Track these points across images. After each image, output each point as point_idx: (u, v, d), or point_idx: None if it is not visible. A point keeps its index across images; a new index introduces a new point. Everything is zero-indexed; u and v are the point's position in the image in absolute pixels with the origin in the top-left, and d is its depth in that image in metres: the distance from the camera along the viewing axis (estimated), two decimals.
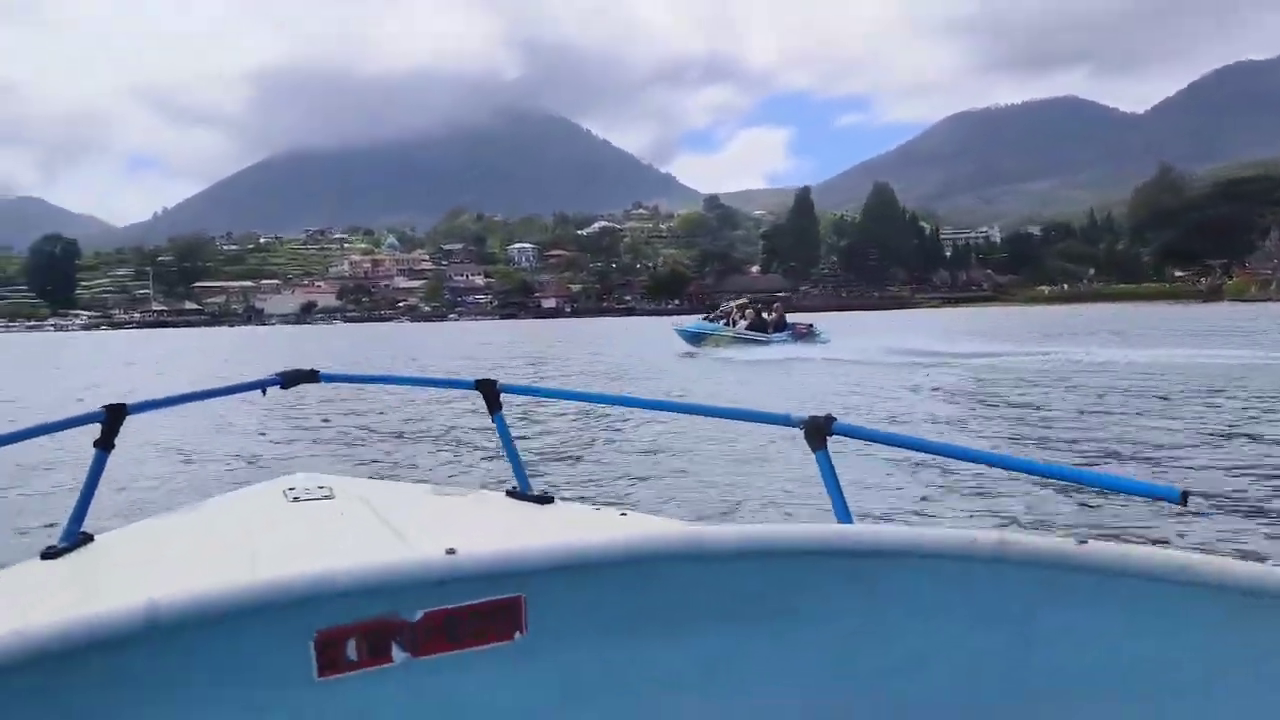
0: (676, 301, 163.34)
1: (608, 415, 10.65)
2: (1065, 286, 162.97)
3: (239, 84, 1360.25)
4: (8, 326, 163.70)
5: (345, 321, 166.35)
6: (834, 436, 1.72)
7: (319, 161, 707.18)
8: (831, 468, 1.70)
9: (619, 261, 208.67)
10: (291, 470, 2.61)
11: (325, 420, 11.43)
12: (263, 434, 10.37)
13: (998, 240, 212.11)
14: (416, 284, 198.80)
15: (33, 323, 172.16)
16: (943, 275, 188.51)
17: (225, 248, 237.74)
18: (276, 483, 2.29)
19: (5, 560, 1.86)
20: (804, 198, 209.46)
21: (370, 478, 2.68)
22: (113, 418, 2.09)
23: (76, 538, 1.88)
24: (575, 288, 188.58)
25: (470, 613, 0.93)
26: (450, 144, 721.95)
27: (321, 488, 2.15)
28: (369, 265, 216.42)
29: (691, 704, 1.02)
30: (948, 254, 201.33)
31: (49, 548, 1.83)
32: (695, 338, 29.72)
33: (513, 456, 2.33)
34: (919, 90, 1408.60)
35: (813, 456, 1.73)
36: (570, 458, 8.56)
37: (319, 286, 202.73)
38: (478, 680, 0.96)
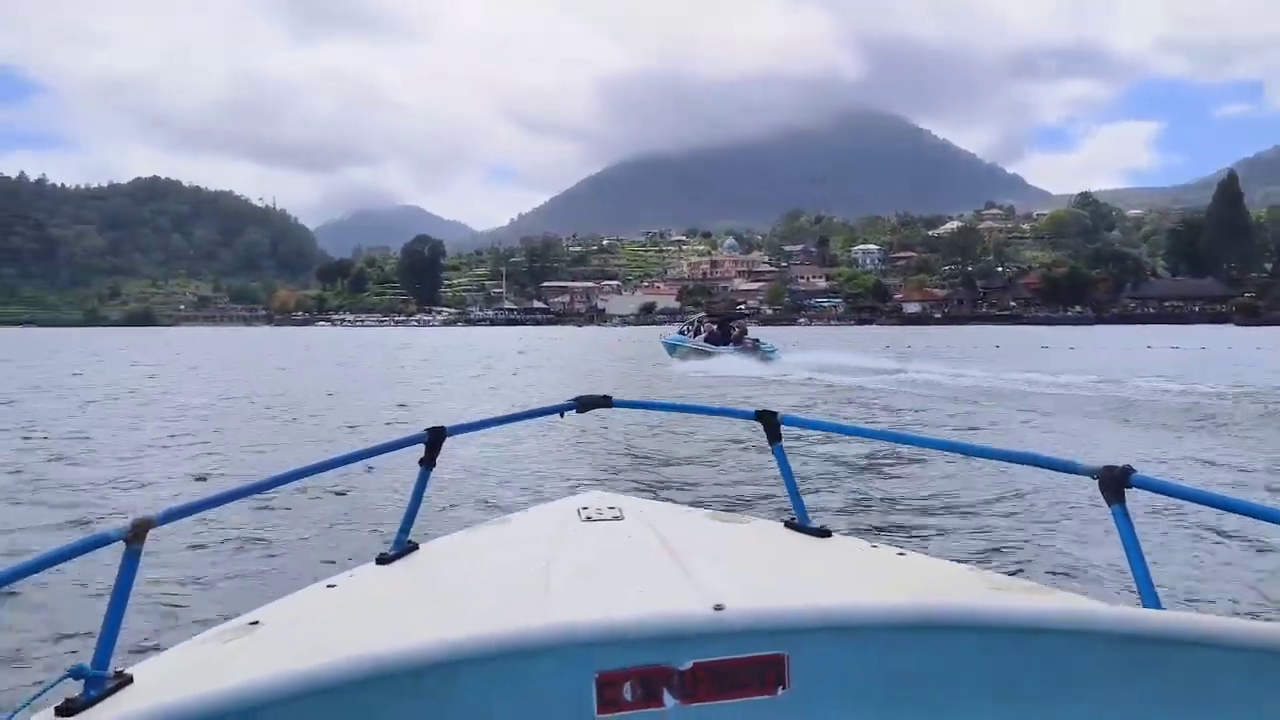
0: (1078, 307, 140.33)
1: (889, 450, 10.08)
2: None
3: (588, 95, 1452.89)
4: (380, 321, 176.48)
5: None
6: (1132, 489, 1.60)
7: (660, 166, 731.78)
8: (1130, 527, 1.58)
9: (976, 263, 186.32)
10: (577, 488, 2.80)
11: (609, 439, 11.42)
12: (554, 452, 10.47)
13: None
14: (755, 286, 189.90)
15: (401, 317, 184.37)
16: None
17: (570, 249, 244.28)
18: (571, 501, 2.46)
19: (346, 564, 2.14)
20: (1230, 186, 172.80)
21: (654, 499, 2.69)
22: (434, 439, 2.28)
23: (405, 545, 2.12)
24: (940, 291, 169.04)
25: (737, 666, 0.97)
26: (788, 146, 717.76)
27: (612, 508, 2.27)
28: (707, 266, 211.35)
29: None
30: None
31: (382, 554, 2.07)
32: (671, 348, 31.54)
33: (791, 488, 2.34)
34: None
35: (1108, 510, 1.62)
36: (848, 490, 8.28)
37: (658, 288, 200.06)
38: None
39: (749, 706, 0.98)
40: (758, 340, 29.46)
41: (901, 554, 1.98)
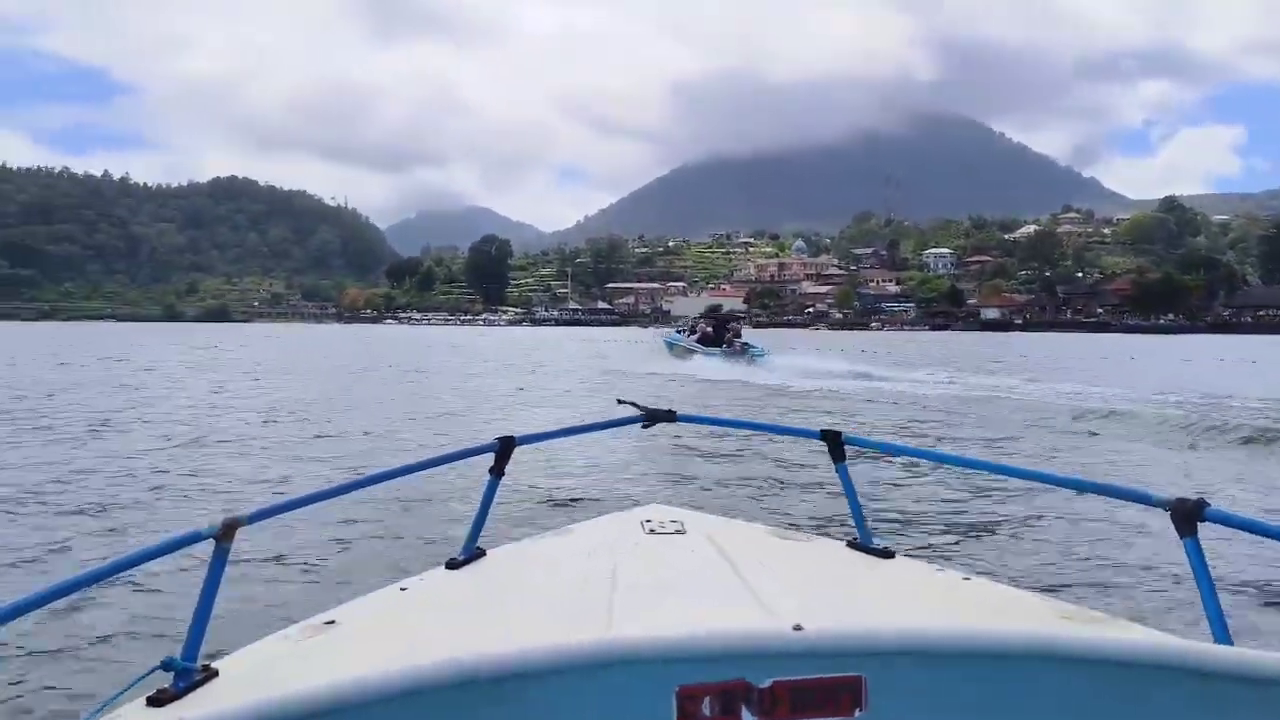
0: (1171, 315, 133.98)
1: (955, 472, 9.68)
2: None
3: (658, 97, 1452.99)
4: (446, 319, 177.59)
5: (754, 326, 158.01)
6: (1206, 523, 1.56)
7: (728, 168, 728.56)
8: (1203, 560, 1.54)
9: (1054, 268, 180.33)
10: (640, 500, 2.87)
11: (671, 452, 11.33)
12: (615, 463, 10.43)
13: None
14: (824, 289, 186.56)
15: (467, 316, 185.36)
16: None
17: (636, 250, 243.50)
18: (634, 513, 2.48)
19: (418, 568, 2.20)
20: None
21: (711, 513, 2.87)
22: (504, 448, 2.31)
23: (473, 552, 2.15)
24: (1020, 296, 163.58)
25: (815, 686, 0.97)
26: (857, 148, 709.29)
27: (674, 521, 2.31)
28: (775, 269, 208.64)
29: None
30: None
31: (451, 559, 2.12)
32: (670, 347, 32.51)
33: (855, 507, 2.32)
34: None
35: (1180, 543, 1.58)
36: (905, 510, 8.08)
37: (724, 289, 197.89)
38: None
39: None
40: (747, 344, 29.93)
41: (967, 579, 1.96)
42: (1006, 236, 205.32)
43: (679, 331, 34.63)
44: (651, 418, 2.60)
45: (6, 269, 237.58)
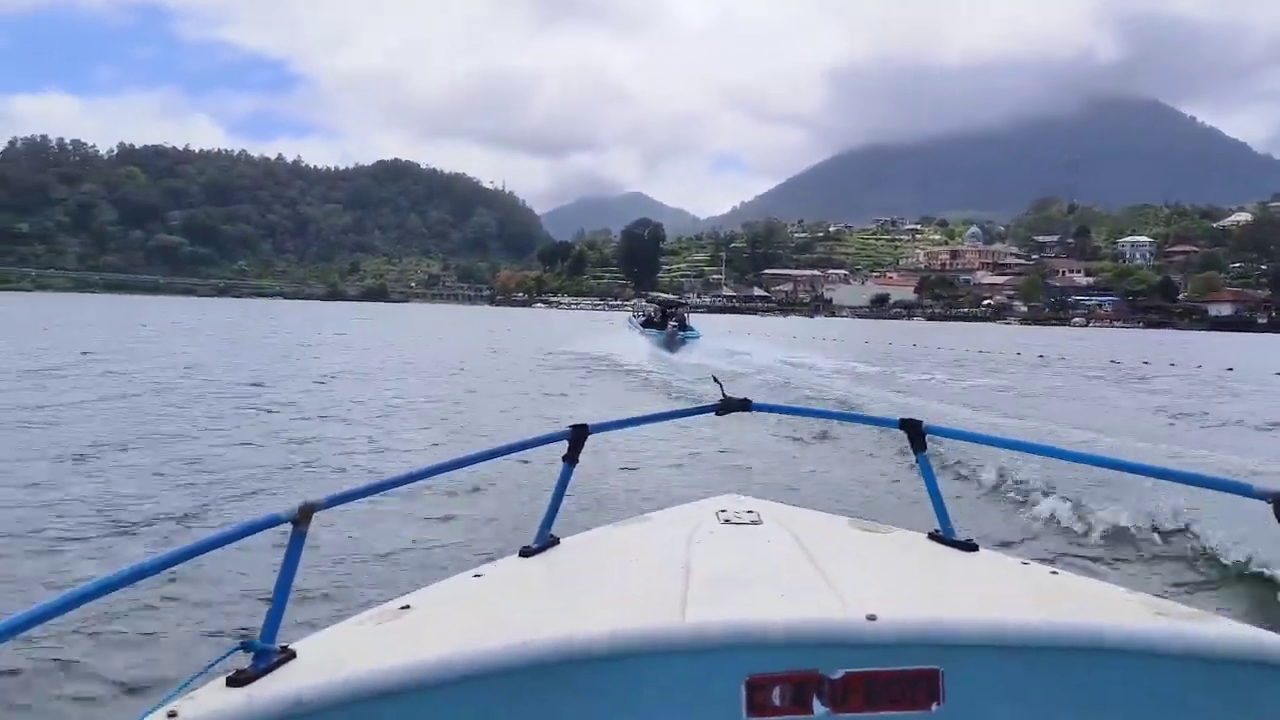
0: None
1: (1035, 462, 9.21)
2: None
3: (816, 82, 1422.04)
4: (594, 305, 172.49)
5: (926, 319, 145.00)
6: None
7: (892, 155, 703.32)
8: None
9: (1275, 261, 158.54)
10: (715, 490, 2.98)
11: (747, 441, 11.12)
12: (691, 451, 10.39)
13: None
14: (1001, 279, 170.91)
15: (617, 302, 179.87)
16: None
17: (795, 235, 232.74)
18: (709, 503, 2.45)
19: (493, 554, 2.24)
20: None
21: (791, 504, 2.83)
22: (578, 436, 2.27)
23: (547, 539, 2.14)
24: (1260, 293, 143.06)
25: (890, 678, 0.96)
26: (1028, 134, 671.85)
27: (750, 512, 2.27)
28: (946, 257, 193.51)
29: None
30: None
31: (525, 547, 2.11)
32: (628, 325, 38.25)
33: (935, 498, 2.23)
34: None
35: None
36: (986, 502, 8.10)
37: (891, 278, 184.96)
38: None
39: None
40: (678, 325, 32.12)
41: (1054, 572, 1.91)
42: (1215, 225, 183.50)
43: (634, 316, 40.90)
44: (728, 407, 2.54)
45: (188, 247, 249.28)
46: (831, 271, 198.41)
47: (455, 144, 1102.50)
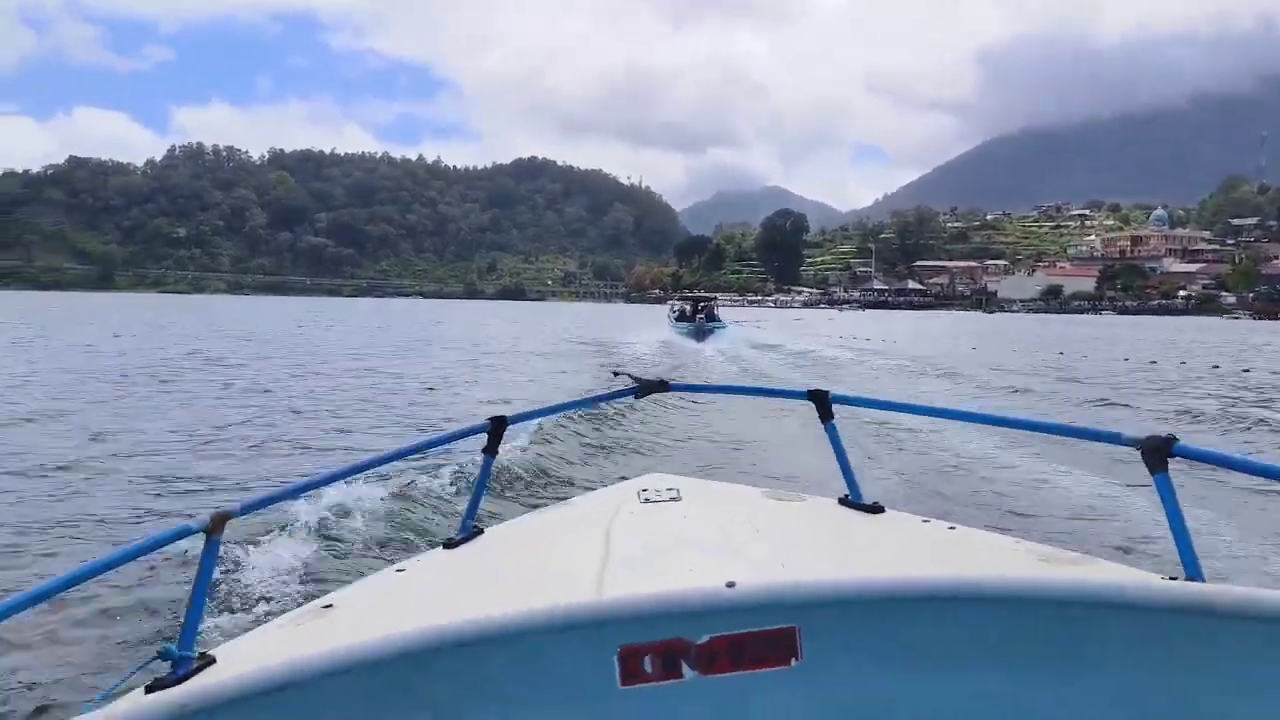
0: None
1: (935, 426, 10.34)
2: None
3: (964, 66, 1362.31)
4: (734, 301, 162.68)
5: (1116, 313, 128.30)
6: (1176, 459, 1.57)
7: (1051, 138, 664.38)
8: (1174, 496, 1.56)
9: None
10: (645, 470, 3.06)
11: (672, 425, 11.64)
12: (617, 433, 10.71)
13: None
14: (1193, 267, 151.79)
15: (756, 297, 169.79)
16: None
17: (949, 225, 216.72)
18: (632, 483, 2.52)
19: (416, 549, 2.33)
20: None
21: (714, 479, 2.88)
22: (496, 428, 2.32)
23: (470, 530, 2.19)
24: None
25: (750, 639, 1.02)
26: (1202, 113, 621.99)
27: (670, 489, 2.35)
28: (1126, 244, 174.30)
29: None
30: None
31: (449, 539, 2.16)
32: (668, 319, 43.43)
33: (844, 465, 2.35)
34: None
35: (1151, 480, 1.59)
36: (899, 466, 8.42)
37: (1062, 268, 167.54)
38: (759, 700, 1.04)
39: (763, 677, 1.02)
40: (705, 318, 38.35)
41: (952, 528, 2.01)
42: None
43: (671, 311, 45.27)
44: (646, 389, 2.60)
45: (332, 248, 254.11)
46: (990, 262, 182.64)
47: (593, 141, 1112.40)
